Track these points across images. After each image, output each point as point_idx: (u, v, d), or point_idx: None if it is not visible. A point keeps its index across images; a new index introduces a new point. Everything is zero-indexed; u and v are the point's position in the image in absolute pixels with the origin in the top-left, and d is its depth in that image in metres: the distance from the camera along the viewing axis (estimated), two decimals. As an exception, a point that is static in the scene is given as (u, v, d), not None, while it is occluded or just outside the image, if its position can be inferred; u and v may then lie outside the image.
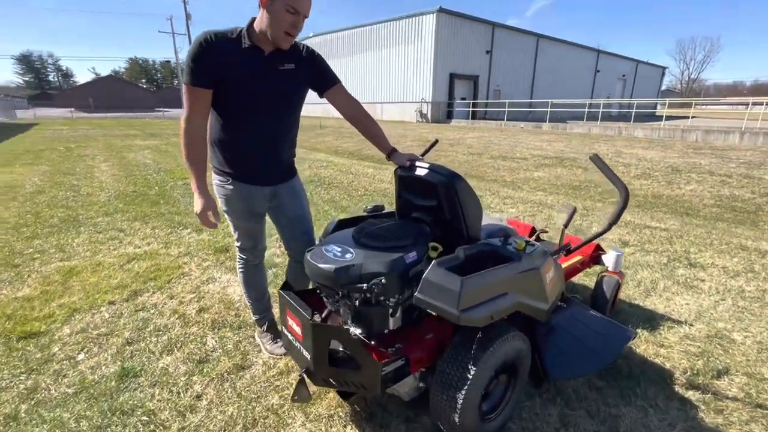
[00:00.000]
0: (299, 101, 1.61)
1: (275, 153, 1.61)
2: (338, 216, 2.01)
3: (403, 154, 1.62)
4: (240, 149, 1.57)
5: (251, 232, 1.75)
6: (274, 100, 1.51)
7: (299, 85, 1.57)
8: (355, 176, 6.30)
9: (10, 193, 4.95)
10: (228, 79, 1.42)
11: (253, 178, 1.61)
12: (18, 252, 3.04)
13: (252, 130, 1.53)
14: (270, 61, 1.47)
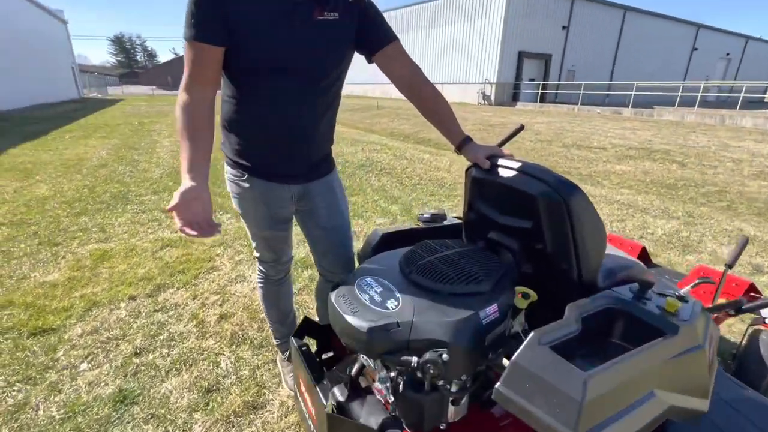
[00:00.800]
0: (343, 65, 1.14)
1: (306, 138, 1.16)
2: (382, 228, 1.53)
3: (481, 147, 1.12)
4: (257, 132, 1.14)
5: (272, 241, 1.35)
6: (306, 61, 1.04)
7: (343, 41, 1.09)
8: (410, 162, 5.79)
9: (78, 166, 5.13)
10: (242, 30, 0.98)
11: (276, 172, 1.20)
12: (63, 229, 2.99)
13: (274, 106, 1.08)
14: (304, 6, 1.00)
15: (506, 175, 1.00)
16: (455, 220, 1.43)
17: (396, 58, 1.15)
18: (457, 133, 1.16)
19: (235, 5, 0.96)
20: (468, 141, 1.15)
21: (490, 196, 1.11)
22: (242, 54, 1.02)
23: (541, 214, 0.92)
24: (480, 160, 1.08)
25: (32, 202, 3.58)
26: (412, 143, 8.14)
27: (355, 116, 14.52)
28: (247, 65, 1.04)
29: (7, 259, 2.49)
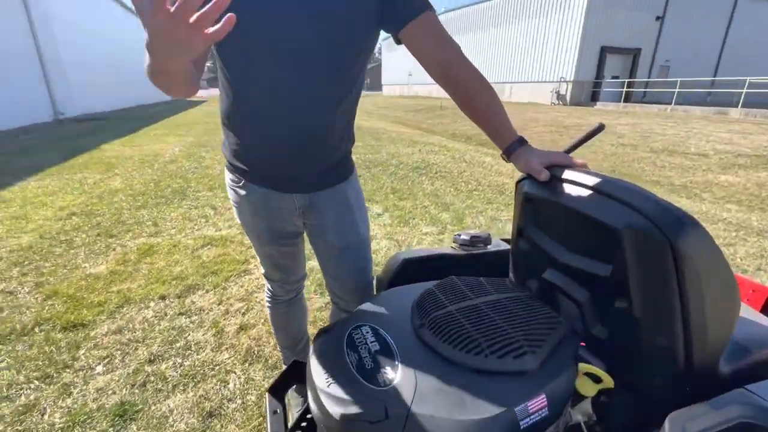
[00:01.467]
0: (361, 46, 0.88)
1: (313, 137, 0.93)
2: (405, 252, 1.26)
3: (538, 152, 0.81)
4: (255, 129, 0.93)
5: (277, 258, 1.15)
6: (314, 41, 0.81)
7: (361, 15, 0.83)
8: (469, 165, 5.39)
9: (152, 162, 5.52)
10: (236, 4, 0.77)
11: (277, 178, 0.98)
12: (122, 221, 3.14)
13: (273, 96, 0.86)
14: None
15: (575, 194, 0.68)
16: (503, 244, 1.11)
17: (424, 31, 0.86)
18: (506, 132, 0.86)
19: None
20: (520, 144, 0.84)
21: (548, 222, 0.79)
22: (234, 32, 0.82)
23: (629, 257, 0.60)
24: (535, 169, 0.77)
25: (105, 194, 3.85)
26: (474, 145, 7.67)
27: (418, 117, 14.25)
28: (240, 45, 0.82)
29: (67, 248, 2.64)
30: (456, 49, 0.89)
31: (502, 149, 0.87)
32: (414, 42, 0.88)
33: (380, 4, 0.85)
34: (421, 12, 0.86)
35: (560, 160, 0.78)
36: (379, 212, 3.40)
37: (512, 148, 0.84)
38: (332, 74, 0.88)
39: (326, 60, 0.85)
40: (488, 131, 0.89)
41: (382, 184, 4.30)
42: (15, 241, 2.73)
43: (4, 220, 3.13)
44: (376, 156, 5.91)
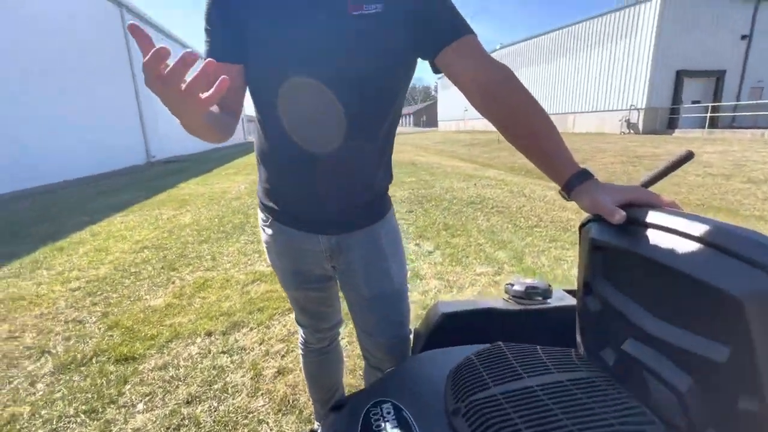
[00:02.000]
0: (393, 73, 0.81)
1: (340, 173, 0.85)
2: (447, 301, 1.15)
3: (608, 187, 0.64)
4: (279, 164, 0.89)
5: (305, 303, 1.06)
6: (338, 70, 0.75)
7: (391, 39, 0.76)
8: (528, 199, 5.06)
9: (220, 198, 5.95)
10: (253, 37, 0.76)
11: (302, 218, 0.91)
12: (185, 255, 3.33)
13: (298, 129, 0.81)
14: (333, 1, 0.73)
15: (663, 243, 0.51)
16: (567, 298, 0.92)
17: (462, 56, 0.76)
18: (565, 164, 0.70)
19: (248, 9, 0.75)
20: (584, 178, 0.67)
21: (627, 277, 0.61)
22: (255, 62, 0.79)
23: (757, 338, 0.41)
24: (606, 209, 0.60)
25: (175, 229, 4.16)
26: (534, 178, 7.27)
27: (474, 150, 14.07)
28: (265, 81, 0.80)
29: (135, 280, 2.82)
30: (502, 69, 0.76)
31: (560, 184, 0.71)
32: (452, 68, 0.78)
33: (413, 31, 0.78)
34: (459, 37, 0.77)
35: (640, 196, 0.61)
36: (430, 250, 3.25)
37: (573, 183, 0.68)
38: (362, 108, 0.81)
39: (356, 93, 0.79)
40: (543, 163, 0.73)
41: (434, 219, 4.16)
42: (94, 272, 3.00)
43: (90, 252, 3.47)
44: (430, 191, 5.81)
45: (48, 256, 3.38)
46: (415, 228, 3.88)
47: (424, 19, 0.77)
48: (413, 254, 3.15)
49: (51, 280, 2.86)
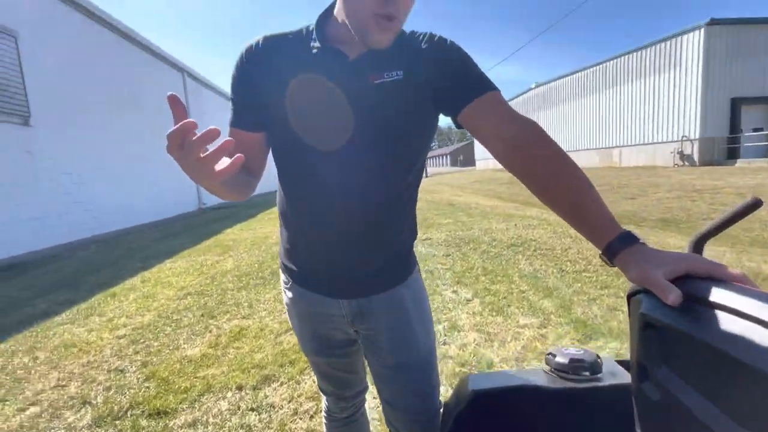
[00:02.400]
0: (414, 137, 0.81)
1: (361, 235, 0.83)
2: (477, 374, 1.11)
3: (657, 256, 0.55)
4: (299, 226, 0.88)
5: (325, 369, 1.01)
6: (359, 136, 0.76)
7: (411, 106, 0.77)
8: (575, 240, 4.77)
9: (261, 244, 6.16)
10: (275, 106, 0.78)
11: (321, 280, 0.89)
12: (224, 302, 3.40)
13: (319, 193, 0.81)
14: (357, 70, 0.75)
15: (733, 331, 0.41)
16: (620, 372, 0.79)
17: (484, 113, 0.73)
18: (604, 224, 0.62)
19: (270, 81, 0.77)
20: (627, 242, 0.59)
21: (690, 364, 0.50)
22: (277, 131, 0.82)
23: None
24: (657, 285, 0.51)
25: (217, 275, 4.31)
26: (580, 217, 6.90)
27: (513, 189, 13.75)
28: (284, 142, 0.82)
29: (175, 328, 2.89)
30: (527, 123, 0.73)
31: (600, 248, 0.63)
32: (475, 126, 0.76)
33: (433, 90, 0.77)
34: (481, 94, 0.74)
35: (699, 267, 0.51)
36: (468, 297, 3.08)
37: (616, 247, 0.60)
38: (384, 170, 0.80)
39: (377, 157, 0.78)
40: (579, 223, 0.66)
41: (472, 264, 4.00)
42: (140, 319, 3.12)
43: (138, 298, 3.65)
44: (467, 233, 5.66)
45: (102, 303, 3.58)
46: (452, 273, 3.74)
47: (444, 80, 0.77)
48: (450, 302, 3.00)
49: (101, 326, 3.00)
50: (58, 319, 3.23)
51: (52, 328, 3.03)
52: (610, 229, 0.61)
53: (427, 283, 3.51)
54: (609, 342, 2.19)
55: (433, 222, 6.83)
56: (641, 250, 0.58)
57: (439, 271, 3.84)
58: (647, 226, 5.85)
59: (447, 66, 0.77)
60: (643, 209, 7.33)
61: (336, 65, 0.76)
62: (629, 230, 0.61)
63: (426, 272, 3.83)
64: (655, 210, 7.05)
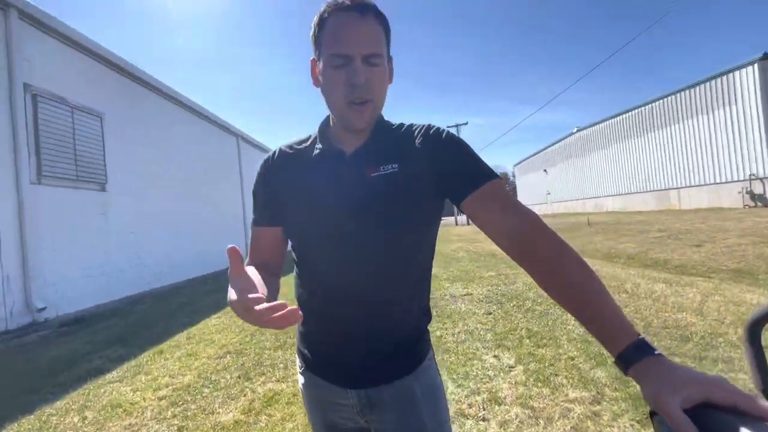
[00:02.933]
0: (414, 226, 0.83)
1: (369, 321, 0.84)
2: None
3: (673, 374, 0.49)
4: (310, 310, 0.89)
5: (338, 460, 0.96)
6: (359, 226, 0.80)
7: (408, 196, 0.80)
8: (631, 296, 4.37)
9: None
10: (288, 205, 0.88)
11: (329, 368, 0.89)
12: (260, 362, 3.41)
13: (328, 281, 0.85)
14: (354, 166, 0.82)
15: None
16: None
17: (485, 203, 0.75)
18: (616, 327, 0.58)
19: (284, 183, 0.89)
20: (642, 352, 0.54)
21: None
22: (290, 223, 0.90)
23: None
24: (671, 416, 0.46)
25: (256, 333, 4.38)
26: (637, 268, 6.38)
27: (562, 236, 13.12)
28: (296, 233, 0.90)
29: (213, 390, 2.93)
30: (527, 215, 0.73)
31: (613, 354, 0.58)
32: (476, 217, 0.77)
33: (434, 183, 0.81)
34: (481, 185, 0.76)
35: (723, 397, 0.45)
36: (511, 364, 2.86)
37: (631, 357, 0.55)
38: (389, 256, 0.83)
39: (374, 241, 0.81)
40: (589, 323, 0.62)
41: (515, 324, 3.76)
42: (181, 379, 3.20)
43: (182, 356, 3.77)
44: (510, 288, 5.39)
45: (149, 360, 3.74)
46: (493, 335, 3.52)
47: (441, 172, 0.80)
48: (491, 369, 2.80)
49: (146, 386, 3.11)
50: (110, 377, 3.40)
51: (103, 386, 3.18)
52: (621, 334, 0.57)
53: (466, 345, 3.32)
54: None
55: (474, 275, 6.60)
56: (658, 363, 0.52)
57: (479, 331, 3.64)
58: (718, 278, 5.25)
59: (445, 157, 0.80)
60: (712, 258, 6.63)
61: (335, 162, 0.84)
62: (643, 338, 0.56)
63: (466, 333, 3.64)
64: (727, 259, 6.35)
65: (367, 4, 0.75)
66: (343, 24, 0.73)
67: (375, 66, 0.75)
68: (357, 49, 0.73)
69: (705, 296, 4.05)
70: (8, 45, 5.61)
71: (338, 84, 0.75)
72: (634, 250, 8.28)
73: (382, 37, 0.77)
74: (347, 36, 0.73)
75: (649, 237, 9.93)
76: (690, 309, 3.70)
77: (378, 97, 0.80)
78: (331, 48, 0.74)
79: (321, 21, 0.76)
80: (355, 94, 0.75)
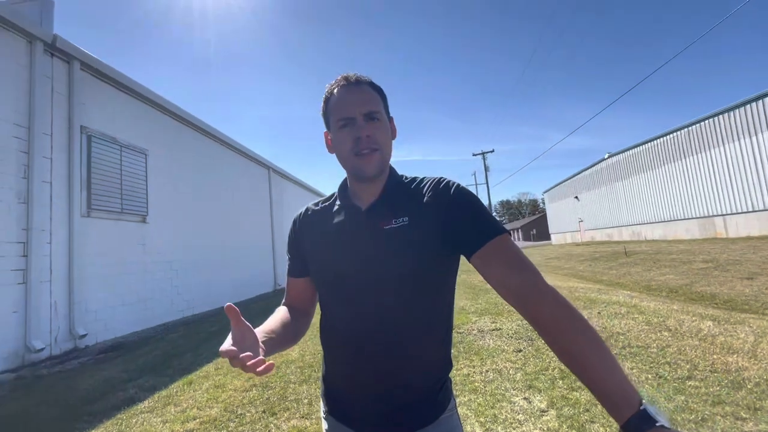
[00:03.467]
0: (426, 275, 0.86)
1: (387, 369, 0.86)
2: None
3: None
4: (333, 356, 0.97)
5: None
6: (374, 275, 0.85)
7: (418, 247, 0.85)
8: (674, 335, 4.08)
9: (327, 329, 6.24)
10: (311, 256, 0.98)
11: (350, 413, 0.92)
12: (285, 397, 3.41)
13: (348, 328, 0.90)
14: (368, 220, 0.90)
15: None
16: None
17: (491, 259, 0.78)
18: (620, 394, 0.60)
19: (308, 238, 0.99)
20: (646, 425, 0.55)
21: None
22: (314, 274, 0.98)
23: None
24: None
25: (282, 365, 4.40)
26: (681, 303, 5.98)
27: (596, 267, 12.55)
28: (320, 282, 0.98)
29: (237, 424, 2.94)
30: (530, 277, 0.75)
31: (619, 423, 0.57)
32: (482, 271, 0.82)
33: (443, 233, 0.85)
34: (488, 240, 0.79)
35: None
36: (543, 408, 2.72)
37: (637, 427, 0.54)
38: (401, 306, 0.86)
39: (388, 290, 0.85)
40: (593, 389, 0.63)
41: (547, 363, 3.58)
42: (208, 411, 3.24)
43: (210, 388, 3.83)
44: (542, 322, 5.17)
45: (179, 391, 3.82)
46: (523, 374, 3.37)
47: (449, 226, 0.85)
48: (521, 413, 2.67)
49: (174, 418, 3.16)
50: (142, 407, 3.49)
51: (135, 416, 3.27)
52: (624, 404, 0.58)
53: (495, 385, 3.19)
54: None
55: (503, 308, 6.39)
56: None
57: (508, 371, 3.49)
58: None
59: (453, 212, 0.85)
60: (766, 293, 6.13)
61: (352, 216, 0.93)
62: (645, 408, 0.56)
63: (494, 371, 3.50)
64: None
65: (359, 78, 0.90)
66: (344, 94, 0.89)
67: (375, 120, 0.87)
68: (357, 109, 0.86)
69: (759, 336, 3.72)
70: (70, 92, 6.25)
71: (346, 141, 0.87)
72: (677, 283, 7.79)
73: (378, 100, 0.90)
74: (348, 102, 0.88)
75: (693, 268, 9.31)
76: (742, 351, 3.41)
77: (384, 147, 0.89)
78: (336, 114, 0.88)
79: (327, 99, 0.92)
80: (361, 146, 0.86)
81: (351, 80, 0.90)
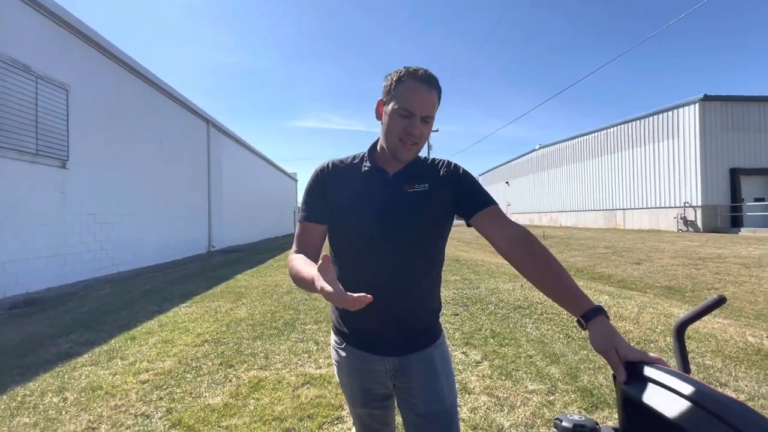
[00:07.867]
0: (437, 232, 1.12)
1: (402, 305, 1.09)
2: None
3: (613, 338, 0.79)
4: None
5: (368, 421, 1.19)
6: (397, 229, 1.06)
7: (434, 209, 1.09)
8: (580, 305, 4.88)
9: (272, 292, 6.31)
10: (339, 208, 1.11)
11: (370, 342, 1.12)
12: (240, 351, 3.52)
13: (368, 272, 1.08)
14: (394, 183, 1.10)
15: (667, 405, 0.63)
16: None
17: (489, 219, 1.05)
18: (581, 297, 0.88)
19: (336, 190, 1.12)
20: (598, 313, 0.84)
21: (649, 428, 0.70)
22: (342, 231, 1.13)
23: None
24: (613, 363, 0.76)
25: (232, 323, 4.44)
26: (586, 280, 7.03)
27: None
28: (344, 239, 1.12)
29: (196, 375, 3.01)
30: (520, 228, 1.03)
31: (578, 315, 0.87)
32: (483, 228, 1.07)
33: (452, 201, 1.09)
34: (486, 206, 1.06)
35: (639, 355, 0.74)
36: (478, 359, 3.19)
37: (590, 315, 0.84)
38: (417, 253, 1.09)
39: (416, 243, 1.08)
40: (564, 298, 0.91)
41: (480, 325, 4.12)
42: (161, 364, 3.24)
43: (158, 343, 3.78)
44: (474, 291, 5.80)
45: (122, 346, 3.72)
46: (461, 333, 3.86)
47: (459, 194, 1.10)
48: (461, 364, 3.11)
49: (124, 370, 3.13)
50: (81, 360, 3.36)
51: (77, 369, 3.16)
52: (586, 302, 0.87)
53: (437, 342, 3.62)
54: (614, 413, 2.28)
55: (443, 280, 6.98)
56: (608, 325, 0.81)
57: (448, 330, 3.96)
58: (653, 293, 5.95)
59: (461, 185, 1.11)
60: (649, 275, 7.44)
61: (380, 179, 1.11)
62: (600, 306, 0.85)
63: (435, 331, 3.94)
64: (661, 277, 7.16)
65: (433, 80, 1.04)
66: (415, 90, 1.01)
67: (427, 123, 1.05)
68: (420, 110, 1.02)
69: (641, 308, 4.63)
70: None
71: (398, 126, 1.03)
72: (583, 264, 9.06)
73: (437, 104, 1.07)
74: (416, 100, 1.01)
75: (597, 252, 10.86)
76: (629, 318, 4.24)
77: (422, 142, 1.08)
78: (401, 102, 1.02)
79: (399, 79, 1.04)
80: (408, 138, 1.04)
81: (426, 80, 1.01)
